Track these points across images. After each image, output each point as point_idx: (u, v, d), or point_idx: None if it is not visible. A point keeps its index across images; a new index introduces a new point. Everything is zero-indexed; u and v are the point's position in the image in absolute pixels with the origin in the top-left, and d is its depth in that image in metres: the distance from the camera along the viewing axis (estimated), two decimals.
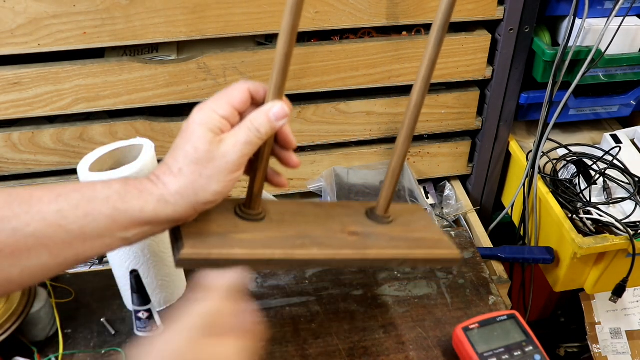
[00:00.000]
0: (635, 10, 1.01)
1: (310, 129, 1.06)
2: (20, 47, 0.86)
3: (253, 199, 0.60)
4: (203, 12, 0.88)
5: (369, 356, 0.73)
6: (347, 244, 0.62)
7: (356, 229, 0.65)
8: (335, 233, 0.63)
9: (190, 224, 0.56)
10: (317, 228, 0.63)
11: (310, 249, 0.59)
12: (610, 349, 1.23)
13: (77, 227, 0.48)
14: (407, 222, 0.69)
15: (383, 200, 0.67)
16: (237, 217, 0.60)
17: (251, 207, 0.61)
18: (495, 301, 0.82)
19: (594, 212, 1.00)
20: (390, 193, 0.66)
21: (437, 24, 0.58)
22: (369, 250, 0.62)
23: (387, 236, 0.65)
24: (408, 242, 0.65)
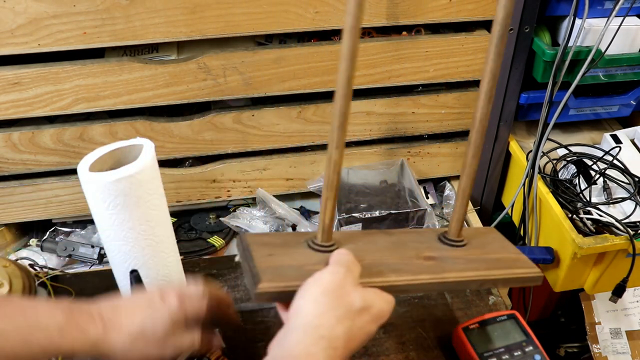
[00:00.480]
0: (635, 10, 1.01)
1: (310, 129, 1.06)
2: (20, 47, 0.86)
3: (324, 230, 0.61)
4: (203, 12, 0.88)
5: (369, 356, 0.73)
6: (424, 268, 0.62)
7: (431, 254, 0.65)
8: (410, 259, 0.63)
9: (265, 259, 0.58)
10: (392, 255, 0.63)
11: (388, 276, 0.60)
12: (610, 349, 1.23)
13: (12, 351, 0.50)
14: (482, 244, 0.70)
15: (455, 223, 0.67)
16: (310, 249, 0.62)
17: (323, 239, 0.62)
18: (495, 301, 0.82)
19: (594, 212, 1.00)
20: (461, 216, 0.66)
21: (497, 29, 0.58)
22: (447, 274, 0.62)
23: (463, 259, 0.65)
24: (486, 263, 0.65)
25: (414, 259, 0.64)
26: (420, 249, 0.66)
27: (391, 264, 0.62)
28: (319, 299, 0.51)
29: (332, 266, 0.55)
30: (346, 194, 1.06)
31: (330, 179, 0.59)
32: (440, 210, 1.16)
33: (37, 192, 1.02)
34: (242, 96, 0.99)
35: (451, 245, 0.68)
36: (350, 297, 0.52)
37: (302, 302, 0.52)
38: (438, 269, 0.63)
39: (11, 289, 0.70)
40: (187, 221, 1.11)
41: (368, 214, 1.02)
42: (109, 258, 0.74)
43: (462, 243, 0.68)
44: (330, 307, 0.51)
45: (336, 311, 0.51)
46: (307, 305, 0.51)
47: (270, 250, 0.61)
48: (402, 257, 0.64)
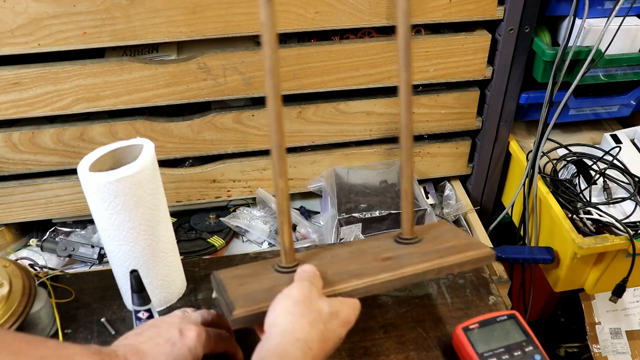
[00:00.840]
0: (635, 10, 1.01)
1: (310, 129, 1.06)
2: (20, 47, 0.86)
3: (286, 253, 0.67)
4: (203, 12, 0.88)
5: (369, 356, 0.73)
6: (383, 268, 0.67)
7: (389, 255, 0.70)
8: (370, 263, 0.69)
9: (237, 289, 0.64)
10: (352, 263, 0.69)
11: (350, 282, 0.65)
12: (610, 349, 1.23)
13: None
14: (435, 237, 0.74)
15: (405, 223, 0.72)
16: (277, 272, 0.67)
17: (287, 262, 0.67)
18: (495, 301, 0.82)
19: (594, 212, 1.00)
20: (410, 215, 0.71)
21: None
22: (405, 269, 0.67)
23: (418, 253, 0.70)
24: (439, 252, 0.70)
25: (373, 262, 0.69)
26: (378, 252, 0.71)
27: (352, 270, 0.67)
28: (291, 309, 0.57)
29: (297, 282, 0.61)
30: (346, 194, 1.06)
31: (281, 205, 0.64)
32: (440, 210, 1.16)
33: (37, 192, 1.02)
34: (242, 96, 0.99)
35: (406, 243, 0.72)
36: (318, 305, 0.58)
37: (275, 315, 0.57)
38: (396, 266, 0.67)
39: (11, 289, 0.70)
40: (187, 221, 1.11)
41: (368, 214, 1.02)
42: (109, 258, 0.74)
43: (416, 240, 0.73)
44: (303, 315, 0.57)
45: (308, 317, 0.57)
46: (281, 316, 0.57)
47: (241, 280, 0.67)
48: (362, 262, 0.69)
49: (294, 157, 1.10)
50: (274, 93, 0.60)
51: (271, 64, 0.59)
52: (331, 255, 0.72)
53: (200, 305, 0.79)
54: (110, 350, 0.57)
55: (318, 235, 1.07)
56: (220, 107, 1.02)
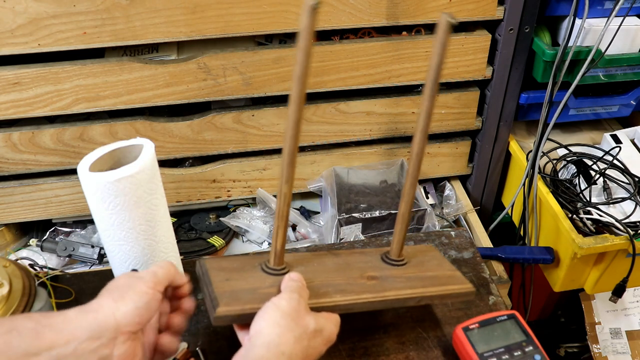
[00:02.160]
0: (635, 10, 1.01)
1: (310, 129, 1.06)
2: (20, 47, 0.86)
3: (276, 256, 0.67)
4: (203, 12, 0.88)
5: (369, 356, 0.73)
6: (367, 288, 0.69)
7: (374, 274, 0.72)
8: (355, 279, 0.70)
9: (222, 284, 0.64)
10: (338, 276, 0.70)
11: (334, 297, 0.66)
12: (610, 349, 1.23)
13: None
14: (421, 262, 0.76)
15: (395, 245, 0.74)
16: (264, 272, 0.67)
17: (275, 264, 0.67)
18: (495, 301, 0.82)
19: (594, 212, 1.00)
20: (401, 239, 0.73)
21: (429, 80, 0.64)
22: (387, 293, 0.69)
23: (403, 277, 0.72)
24: (423, 281, 0.72)
25: (358, 279, 0.70)
26: (365, 269, 0.72)
27: (337, 285, 0.68)
28: (279, 322, 0.57)
29: (287, 293, 0.61)
30: (346, 194, 1.06)
31: (281, 210, 0.64)
32: (440, 210, 1.16)
33: (37, 192, 1.02)
34: (242, 96, 0.99)
35: (392, 264, 0.74)
36: (305, 321, 0.59)
37: (263, 324, 0.58)
38: (379, 288, 0.69)
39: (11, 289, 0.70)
40: (187, 221, 1.11)
41: (368, 214, 1.02)
42: (109, 258, 0.74)
43: (403, 262, 0.75)
44: (289, 329, 0.57)
45: (294, 332, 0.57)
46: (269, 327, 0.57)
47: (227, 274, 0.66)
48: (348, 277, 0.70)
49: None
50: (298, 100, 0.59)
51: (301, 70, 0.58)
52: (318, 264, 0.73)
53: (200, 305, 0.79)
54: None
55: (318, 235, 1.07)
56: (220, 107, 1.02)
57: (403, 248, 0.74)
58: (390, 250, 0.75)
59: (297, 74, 0.58)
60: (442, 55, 0.62)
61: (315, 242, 1.06)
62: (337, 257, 0.75)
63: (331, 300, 0.66)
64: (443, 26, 0.59)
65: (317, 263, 0.73)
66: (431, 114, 0.67)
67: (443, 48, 0.60)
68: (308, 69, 0.58)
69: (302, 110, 0.61)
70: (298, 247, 0.90)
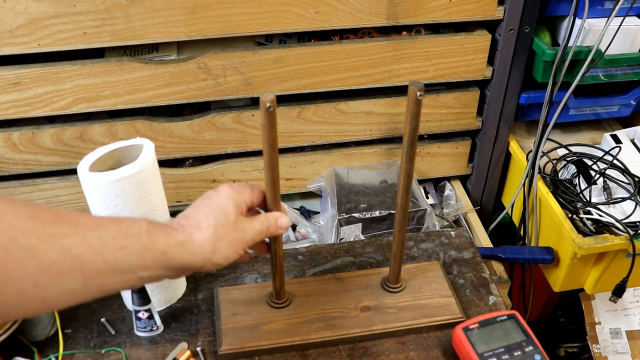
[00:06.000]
0: (635, 10, 1.01)
1: (310, 129, 1.06)
2: (20, 47, 0.86)
3: (277, 293, 0.76)
4: (203, 12, 0.88)
5: (369, 356, 0.73)
6: (357, 322, 0.75)
7: (369, 303, 0.78)
8: (349, 311, 0.76)
9: (229, 318, 0.74)
10: (335, 308, 0.77)
11: (323, 333, 0.74)
12: (610, 349, 1.23)
13: (113, 257, 0.50)
14: (418, 286, 0.80)
15: (392, 275, 0.78)
16: (268, 305, 0.76)
17: (277, 298, 0.76)
18: (495, 301, 0.82)
19: (594, 212, 1.00)
20: (396, 269, 0.78)
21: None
22: (375, 326, 0.75)
23: (395, 307, 0.77)
24: (414, 312, 0.77)
25: (352, 310, 0.77)
26: (361, 297, 0.78)
27: (330, 319, 0.75)
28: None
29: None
30: (346, 194, 1.06)
31: (274, 262, 0.71)
32: (440, 210, 1.16)
33: (37, 192, 1.02)
34: (242, 96, 0.99)
35: (389, 291, 0.79)
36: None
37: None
38: (368, 322, 0.75)
39: None
40: None
41: (368, 214, 1.02)
42: None
43: (400, 289, 0.79)
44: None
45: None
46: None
47: (235, 309, 0.76)
48: (343, 308, 0.77)
49: (294, 157, 1.10)
50: None
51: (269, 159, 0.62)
52: (319, 291, 0.79)
53: (199, 305, 0.79)
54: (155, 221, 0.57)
55: (318, 235, 1.07)
56: (220, 107, 1.02)
57: (400, 277, 0.79)
58: (389, 277, 0.79)
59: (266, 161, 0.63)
60: (414, 125, 0.64)
61: (315, 242, 1.06)
62: (339, 283, 0.81)
63: (321, 336, 0.73)
64: (412, 98, 0.61)
65: (318, 291, 0.79)
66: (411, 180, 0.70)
67: (414, 118, 0.63)
68: (276, 158, 0.63)
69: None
70: (298, 247, 0.90)
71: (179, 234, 0.55)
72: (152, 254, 0.52)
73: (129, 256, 0.51)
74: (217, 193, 0.60)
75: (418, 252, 0.89)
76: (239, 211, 0.60)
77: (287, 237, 1.09)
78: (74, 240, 0.48)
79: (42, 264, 0.46)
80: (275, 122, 0.60)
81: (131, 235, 0.52)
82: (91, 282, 0.49)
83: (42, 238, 0.46)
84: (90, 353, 0.73)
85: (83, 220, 0.50)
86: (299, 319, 0.75)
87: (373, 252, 0.89)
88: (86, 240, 0.49)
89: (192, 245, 0.55)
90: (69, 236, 0.48)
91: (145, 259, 0.52)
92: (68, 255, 0.47)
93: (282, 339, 0.72)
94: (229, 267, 0.86)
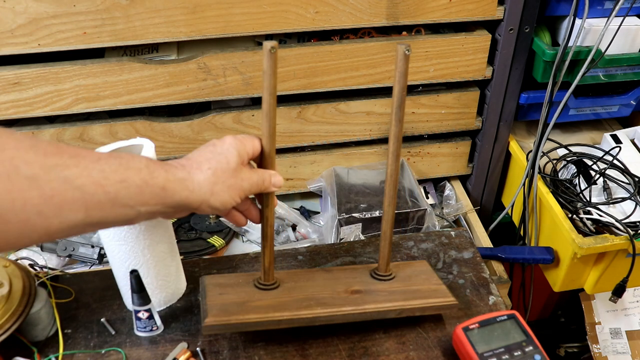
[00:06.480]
0: (635, 10, 1.01)
1: (310, 129, 1.06)
2: (20, 47, 0.86)
3: (265, 272, 0.73)
4: (203, 12, 0.88)
5: (369, 356, 0.73)
6: (348, 301, 0.72)
7: (359, 288, 0.75)
8: (339, 293, 0.74)
9: (215, 297, 0.70)
10: (324, 291, 0.74)
11: (314, 309, 0.70)
12: (610, 349, 1.23)
13: (114, 190, 0.51)
14: (408, 276, 0.79)
15: (381, 261, 0.77)
16: (256, 288, 0.73)
17: (265, 279, 0.73)
18: (495, 301, 0.82)
19: (594, 212, 1.00)
20: (386, 254, 0.76)
21: None
22: (367, 305, 0.72)
23: (386, 291, 0.75)
24: (405, 294, 0.75)
25: (342, 293, 0.74)
26: (351, 284, 0.76)
27: (320, 299, 0.72)
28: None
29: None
30: (346, 194, 1.06)
31: (265, 232, 0.70)
32: (440, 210, 1.16)
33: None
34: (242, 96, 0.99)
35: (379, 279, 0.77)
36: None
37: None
38: (360, 301, 0.73)
39: (11, 289, 0.70)
40: (187, 221, 1.10)
41: (368, 214, 1.02)
42: (109, 258, 0.74)
43: (390, 277, 0.77)
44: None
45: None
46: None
47: (221, 290, 0.72)
48: (333, 291, 0.74)
49: (294, 157, 1.10)
50: None
51: (268, 108, 0.62)
52: (308, 279, 0.77)
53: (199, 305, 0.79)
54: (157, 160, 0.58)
55: (318, 235, 1.07)
56: (220, 107, 1.02)
57: (389, 263, 0.77)
58: (378, 266, 0.78)
59: (264, 110, 0.63)
60: (402, 84, 0.63)
61: (315, 242, 1.06)
62: (328, 273, 0.79)
63: (311, 312, 0.70)
64: (400, 55, 0.61)
65: (307, 279, 0.77)
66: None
67: (402, 75, 0.63)
68: (274, 107, 0.63)
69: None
70: (298, 247, 0.90)
71: (178, 171, 0.56)
72: (152, 188, 0.53)
73: (129, 189, 0.52)
74: (221, 142, 0.62)
75: (418, 252, 0.89)
76: (240, 161, 0.61)
77: (287, 237, 1.09)
78: (75, 171, 0.49)
79: (45, 194, 0.47)
80: (276, 68, 0.60)
81: (132, 168, 0.52)
82: (93, 214, 0.50)
83: (45, 168, 0.47)
84: (90, 353, 0.73)
85: (84, 153, 0.51)
86: (288, 297, 0.72)
87: (373, 252, 0.89)
88: (88, 172, 0.49)
89: (191, 183, 0.56)
90: (71, 167, 0.49)
91: (145, 194, 0.53)
92: (70, 186, 0.48)
93: (271, 314, 0.69)
94: (229, 267, 0.86)
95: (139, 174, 0.53)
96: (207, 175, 0.58)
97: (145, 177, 0.53)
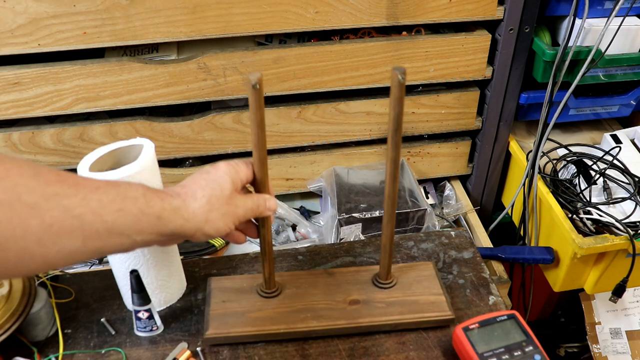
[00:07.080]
0: (635, 10, 1.01)
1: (310, 129, 1.06)
2: (20, 47, 0.86)
3: (266, 282, 0.75)
4: (203, 12, 0.88)
5: (369, 356, 0.73)
6: (345, 314, 0.74)
7: (358, 297, 0.77)
8: (337, 304, 0.76)
9: (218, 305, 0.75)
10: (323, 299, 0.76)
11: (309, 323, 0.73)
12: (610, 349, 1.23)
13: (111, 219, 0.51)
14: (409, 284, 0.79)
15: (382, 270, 0.78)
16: (258, 295, 0.76)
17: (267, 288, 0.76)
18: (495, 301, 0.82)
19: (594, 212, 1.00)
20: (385, 264, 0.77)
21: None
22: (362, 319, 0.74)
23: (384, 302, 0.76)
24: (402, 306, 0.76)
25: (340, 303, 0.76)
26: (351, 292, 0.77)
27: (318, 310, 0.75)
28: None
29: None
30: (346, 194, 1.06)
31: (263, 249, 0.72)
32: (440, 210, 1.16)
33: None
34: (242, 96, 0.99)
35: (380, 287, 0.78)
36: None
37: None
38: (356, 314, 0.74)
39: (11, 289, 0.70)
40: None
41: (368, 214, 1.02)
42: (108, 258, 0.74)
43: (390, 285, 0.78)
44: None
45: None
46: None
47: (225, 296, 0.76)
48: (331, 301, 0.76)
49: (294, 157, 1.10)
50: None
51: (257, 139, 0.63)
52: (310, 284, 0.78)
53: (199, 305, 0.79)
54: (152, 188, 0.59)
55: (318, 235, 1.07)
56: (220, 107, 1.02)
57: (390, 272, 0.78)
58: (379, 273, 0.79)
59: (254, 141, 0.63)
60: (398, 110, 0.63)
61: (315, 242, 1.06)
62: (330, 277, 0.80)
63: (307, 326, 0.73)
64: (395, 82, 0.60)
65: (308, 284, 0.78)
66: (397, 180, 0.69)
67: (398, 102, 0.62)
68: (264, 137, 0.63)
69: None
70: (298, 247, 0.90)
71: (173, 200, 0.57)
72: (148, 217, 0.54)
73: (126, 218, 0.52)
74: (215, 168, 0.62)
75: (418, 252, 0.89)
76: (234, 187, 0.62)
77: (287, 237, 1.09)
78: (75, 200, 0.49)
79: (45, 222, 0.47)
80: (262, 101, 0.60)
81: (128, 198, 0.53)
82: (90, 243, 0.51)
83: (45, 197, 0.48)
84: (90, 353, 0.73)
85: (83, 181, 0.51)
86: (287, 308, 0.75)
87: (373, 252, 0.89)
88: (86, 202, 0.50)
89: (185, 212, 0.57)
90: (70, 197, 0.49)
91: (141, 223, 0.53)
92: (69, 215, 0.48)
93: (268, 327, 0.72)
94: (229, 267, 0.86)
95: (135, 204, 0.53)
96: (202, 203, 0.58)
97: (141, 207, 0.53)
